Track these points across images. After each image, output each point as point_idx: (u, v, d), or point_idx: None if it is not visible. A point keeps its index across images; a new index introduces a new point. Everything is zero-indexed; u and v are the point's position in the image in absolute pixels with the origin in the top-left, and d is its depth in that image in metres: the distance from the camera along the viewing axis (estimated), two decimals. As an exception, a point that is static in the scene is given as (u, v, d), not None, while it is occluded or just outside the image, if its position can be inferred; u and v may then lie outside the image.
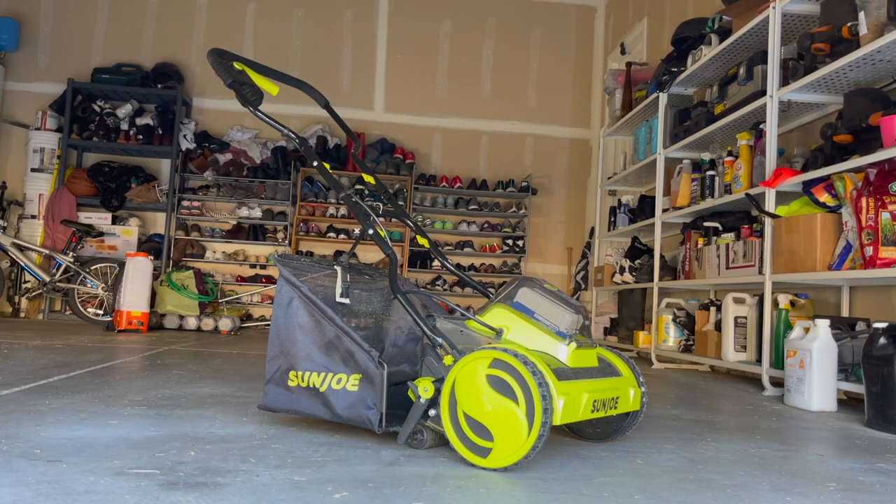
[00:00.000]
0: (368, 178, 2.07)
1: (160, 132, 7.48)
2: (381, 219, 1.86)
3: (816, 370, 2.73)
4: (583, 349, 1.67)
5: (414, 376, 1.65)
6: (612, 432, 1.86)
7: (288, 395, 1.72)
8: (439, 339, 1.62)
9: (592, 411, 1.59)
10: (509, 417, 1.45)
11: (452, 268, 2.14)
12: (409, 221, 2.10)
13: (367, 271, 2.03)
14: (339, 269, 1.83)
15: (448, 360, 1.58)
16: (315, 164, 1.81)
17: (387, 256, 1.70)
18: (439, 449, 1.65)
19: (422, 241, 2.09)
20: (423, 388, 1.57)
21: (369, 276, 2.01)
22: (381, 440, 1.73)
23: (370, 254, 7.67)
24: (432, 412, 1.59)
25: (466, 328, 1.68)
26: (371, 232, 1.75)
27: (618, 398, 1.70)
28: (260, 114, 1.85)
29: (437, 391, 1.58)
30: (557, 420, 1.45)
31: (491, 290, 2.04)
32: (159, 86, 7.52)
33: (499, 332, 1.64)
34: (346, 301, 1.82)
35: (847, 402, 2.99)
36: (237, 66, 1.89)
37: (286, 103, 7.75)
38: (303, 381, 1.69)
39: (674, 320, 4.51)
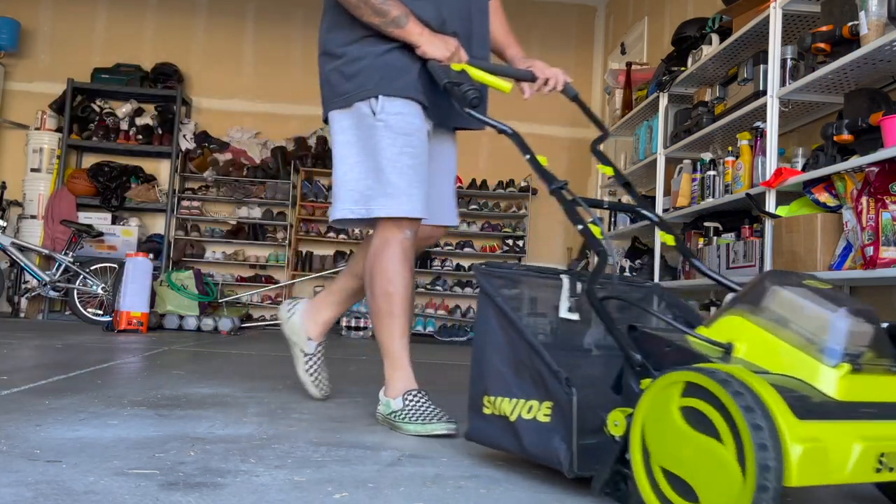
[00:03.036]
0: (607, 170, 1.84)
1: (160, 132, 7.48)
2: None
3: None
4: (870, 375, 1.15)
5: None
6: None
7: (484, 425, 1.49)
8: (638, 357, 1.25)
9: (877, 470, 1.07)
10: (713, 463, 1.04)
11: (706, 269, 1.64)
12: (649, 213, 1.78)
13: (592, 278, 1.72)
14: (565, 279, 1.57)
15: (646, 384, 1.22)
16: (527, 157, 1.65)
17: (597, 255, 1.45)
18: (439, 449, 1.65)
19: (666, 238, 1.74)
20: (613, 423, 1.24)
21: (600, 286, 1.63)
22: (383, 440, 1.72)
23: (370, 254, 7.66)
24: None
25: (684, 344, 1.28)
26: (580, 228, 1.51)
27: None
28: (475, 114, 1.74)
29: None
30: (794, 478, 0.99)
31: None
32: (159, 86, 7.52)
33: (726, 348, 1.23)
34: (575, 317, 1.54)
35: (847, 403, 2.98)
36: (456, 67, 1.85)
37: (286, 103, 7.74)
38: (496, 407, 1.45)
39: (674, 320, 4.51)
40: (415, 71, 1.94)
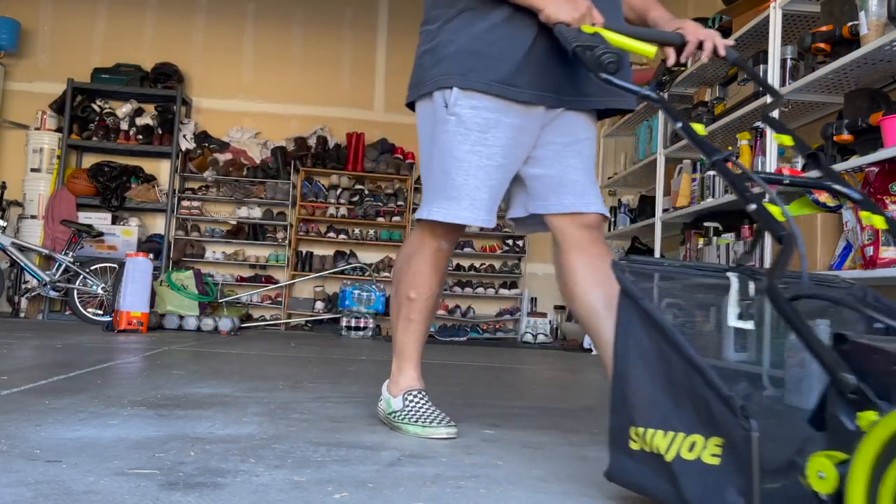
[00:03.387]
0: (785, 139, 1.49)
1: (160, 132, 7.48)
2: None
3: (817, 370, 2.72)
4: None
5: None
6: None
7: (630, 463, 1.18)
8: (852, 380, 0.93)
9: None
10: None
11: None
12: (848, 190, 1.41)
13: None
14: (734, 277, 1.23)
15: (867, 419, 0.89)
16: (679, 125, 1.38)
17: (777, 241, 1.12)
18: (439, 448, 1.65)
19: (876, 220, 1.32)
20: (817, 473, 0.91)
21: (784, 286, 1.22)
22: (383, 439, 1.72)
23: (370, 253, 7.66)
24: None
25: None
26: (754, 208, 1.17)
27: None
28: (613, 80, 1.48)
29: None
30: None
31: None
32: (159, 86, 7.52)
33: None
34: (748, 326, 1.26)
35: (847, 403, 2.98)
36: (587, 29, 1.57)
37: (286, 103, 7.74)
38: (646, 443, 1.14)
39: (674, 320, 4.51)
40: (517, 57, 1.68)
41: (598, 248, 1.77)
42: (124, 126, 7.47)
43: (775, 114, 2.14)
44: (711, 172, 4.16)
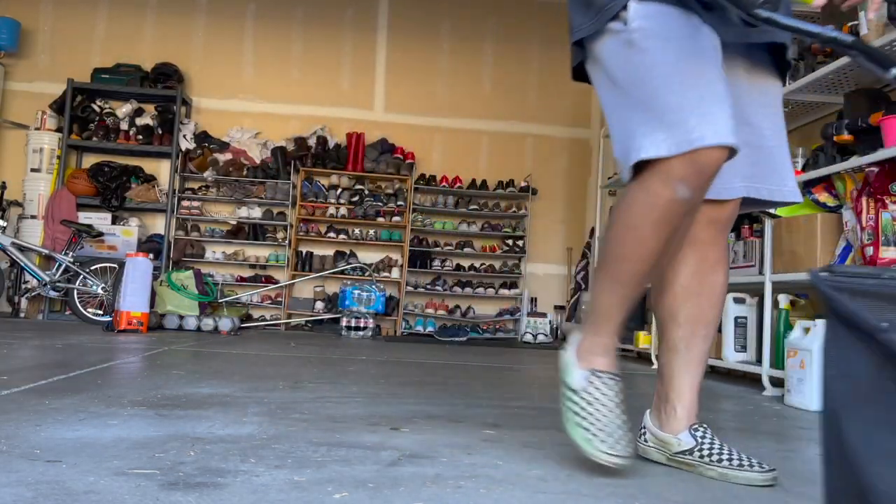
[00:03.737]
0: None
1: (160, 132, 7.48)
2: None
3: (817, 370, 2.73)
4: None
5: None
6: None
7: None
8: None
9: None
10: None
11: None
12: None
13: None
14: None
15: None
16: (894, 73, 1.02)
17: None
18: (439, 448, 1.65)
19: None
20: None
21: None
22: (383, 439, 1.72)
23: (370, 253, 7.66)
24: None
25: None
26: None
27: None
28: (774, 17, 1.14)
29: None
30: None
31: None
32: (159, 86, 7.52)
33: None
34: None
35: (847, 403, 2.98)
36: None
37: (286, 103, 7.74)
38: None
39: (674, 320, 4.50)
40: None
41: (714, 253, 1.54)
42: (124, 126, 7.47)
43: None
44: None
